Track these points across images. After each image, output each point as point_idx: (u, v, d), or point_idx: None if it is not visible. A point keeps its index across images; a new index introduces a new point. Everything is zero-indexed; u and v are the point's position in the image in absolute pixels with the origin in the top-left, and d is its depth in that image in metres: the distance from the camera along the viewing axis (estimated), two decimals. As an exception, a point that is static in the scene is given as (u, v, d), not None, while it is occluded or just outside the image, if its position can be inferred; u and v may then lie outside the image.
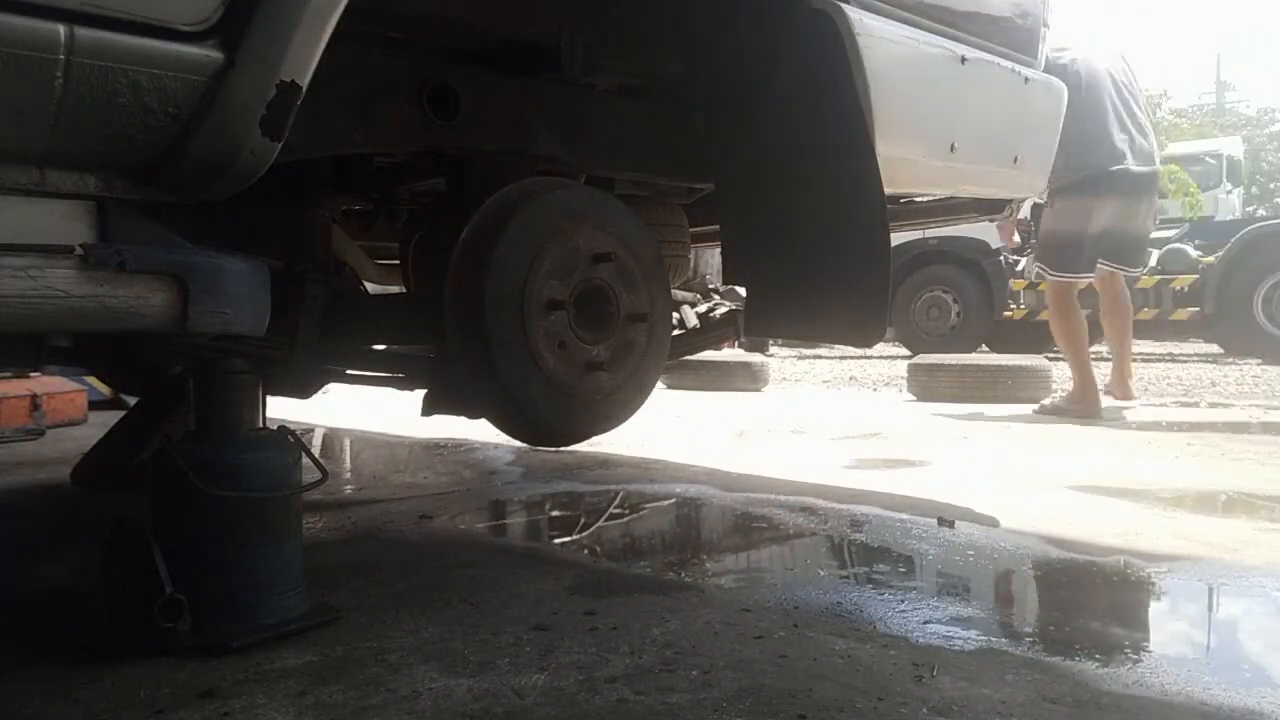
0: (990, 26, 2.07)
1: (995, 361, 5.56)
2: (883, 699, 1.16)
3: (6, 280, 1.01)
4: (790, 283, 1.92)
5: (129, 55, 1.00)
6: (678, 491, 2.62)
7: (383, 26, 1.74)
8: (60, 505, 2.49)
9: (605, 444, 3.22)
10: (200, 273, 1.16)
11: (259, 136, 1.12)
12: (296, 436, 1.47)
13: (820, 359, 9.79)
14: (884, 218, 1.73)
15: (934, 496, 2.47)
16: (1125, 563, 1.84)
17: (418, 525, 2.18)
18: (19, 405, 3.71)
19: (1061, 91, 2.37)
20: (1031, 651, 1.35)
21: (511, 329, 1.61)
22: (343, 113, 1.60)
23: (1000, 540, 2.02)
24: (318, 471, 1.49)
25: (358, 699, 1.16)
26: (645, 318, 1.80)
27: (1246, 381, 6.41)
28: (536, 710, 1.12)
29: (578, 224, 1.70)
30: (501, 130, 1.82)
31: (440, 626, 1.43)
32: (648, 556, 1.95)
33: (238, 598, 1.35)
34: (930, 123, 1.92)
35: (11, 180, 1.04)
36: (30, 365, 3.15)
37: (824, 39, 1.68)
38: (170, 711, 1.12)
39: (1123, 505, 2.40)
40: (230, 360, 1.43)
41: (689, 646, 1.34)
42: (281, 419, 1.79)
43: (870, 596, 1.62)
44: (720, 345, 4.79)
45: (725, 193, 2.04)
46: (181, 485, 1.31)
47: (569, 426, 1.76)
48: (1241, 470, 2.90)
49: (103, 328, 1.10)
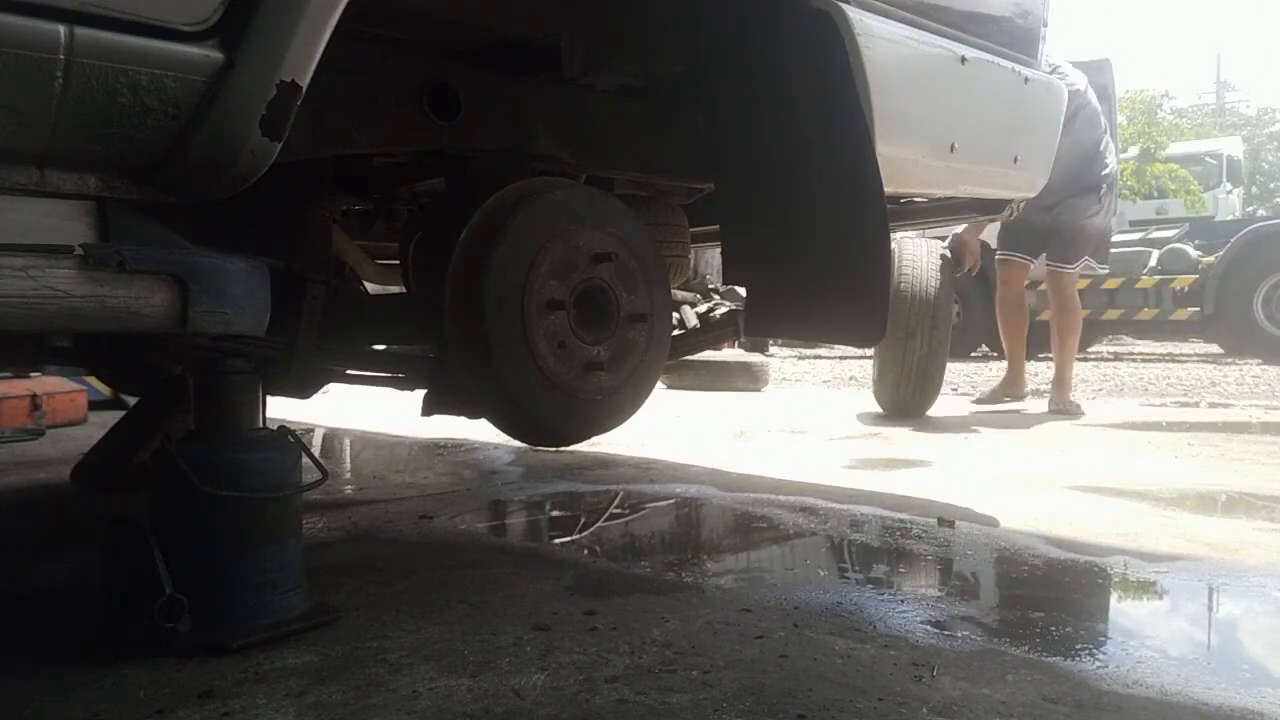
0: (990, 26, 2.07)
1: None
2: (883, 699, 1.16)
3: (6, 280, 1.01)
4: (790, 283, 1.92)
5: (129, 55, 1.00)
6: (678, 491, 2.62)
7: (383, 26, 1.74)
8: (60, 505, 2.49)
9: (605, 444, 3.23)
10: (200, 273, 1.16)
11: (259, 136, 1.12)
12: (296, 436, 1.47)
13: (820, 359, 9.79)
14: (884, 218, 1.73)
15: (934, 496, 2.48)
16: (1125, 563, 1.84)
17: (418, 525, 2.18)
18: (19, 405, 3.71)
19: (1062, 91, 2.37)
20: (1031, 651, 1.35)
21: (511, 329, 1.61)
22: (343, 113, 1.60)
23: (1000, 540, 2.02)
24: (318, 471, 1.49)
25: (358, 699, 1.16)
26: (645, 318, 1.80)
27: (1246, 381, 6.41)
28: (536, 710, 1.12)
29: (578, 224, 1.70)
30: (501, 130, 1.82)
31: (440, 626, 1.43)
32: (648, 556, 1.95)
33: (238, 598, 1.35)
34: (930, 123, 1.92)
35: (11, 180, 1.04)
36: (30, 365, 3.15)
37: (824, 39, 1.68)
38: (170, 711, 1.12)
39: (1122, 505, 2.40)
40: (230, 360, 1.43)
41: (689, 646, 1.34)
42: (281, 419, 1.79)
43: (870, 596, 1.62)
44: (720, 345, 4.79)
45: (725, 193, 2.04)
46: (181, 485, 1.31)
47: (569, 426, 1.76)
48: (1241, 470, 2.90)
49: (103, 328, 1.10)
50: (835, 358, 9.95)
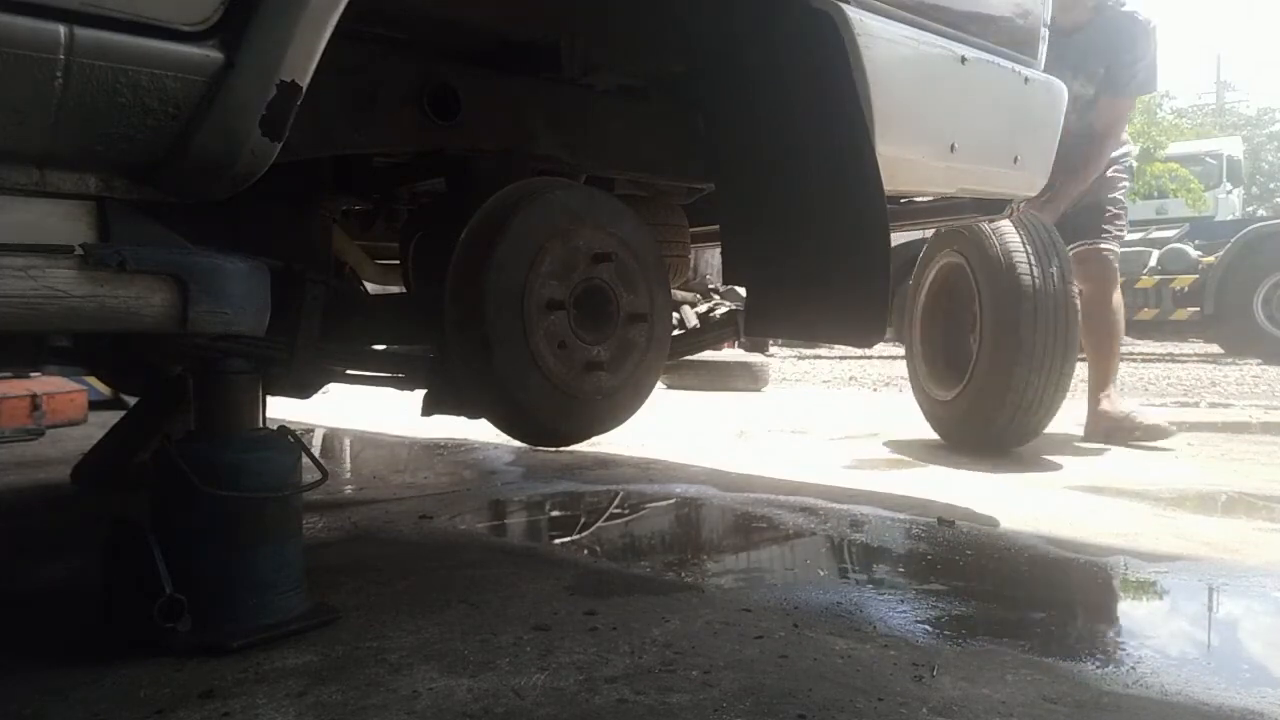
0: (990, 26, 2.07)
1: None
2: (883, 699, 1.16)
3: (6, 280, 1.01)
4: (790, 283, 1.92)
5: (129, 55, 1.00)
6: (678, 491, 2.62)
7: (383, 26, 1.74)
8: (60, 505, 2.49)
9: (605, 444, 3.23)
10: (200, 273, 1.16)
11: (259, 136, 1.12)
12: (296, 436, 1.47)
13: (820, 359, 9.79)
14: (884, 218, 1.73)
15: (934, 496, 2.48)
16: (1125, 563, 1.84)
17: (418, 525, 2.18)
18: (19, 405, 3.71)
19: (1061, 91, 2.37)
20: (1031, 651, 1.35)
21: (511, 329, 1.61)
22: (343, 113, 1.60)
23: (1000, 540, 2.02)
24: (318, 471, 1.49)
25: (358, 699, 1.16)
26: (645, 318, 1.81)
27: (1246, 381, 6.41)
28: (536, 710, 1.12)
29: (578, 224, 1.70)
30: (501, 130, 1.82)
31: (440, 626, 1.43)
32: (648, 556, 1.95)
33: (238, 598, 1.35)
34: (930, 123, 1.92)
35: (11, 180, 1.04)
36: (30, 365, 3.15)
37: (824, 39, 1.68)
38: (170, 711, 1.12)
39: (1122, 505, 2.40)
40: (230, 360, 1.43)
41: (689, 646, 1.34)
42: (281, 419, 1.79)
43: (870, 596, 1.62)
44: (720, 345, 4.77)
45: (725, 193, 2.04)
46: (181, 485, 1.31)
47: (569, 426, 1.76)
48: (1241, 470, 2.90)
49: (103, 328, 1.10)
50: (835, 358, 9.95)
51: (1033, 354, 2.98)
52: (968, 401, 3.18)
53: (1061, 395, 3.10)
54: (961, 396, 3.22)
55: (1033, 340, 2.98)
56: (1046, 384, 3.03)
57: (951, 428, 3.35)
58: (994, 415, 3.09)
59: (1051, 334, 3.00)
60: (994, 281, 3.11)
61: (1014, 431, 3.13)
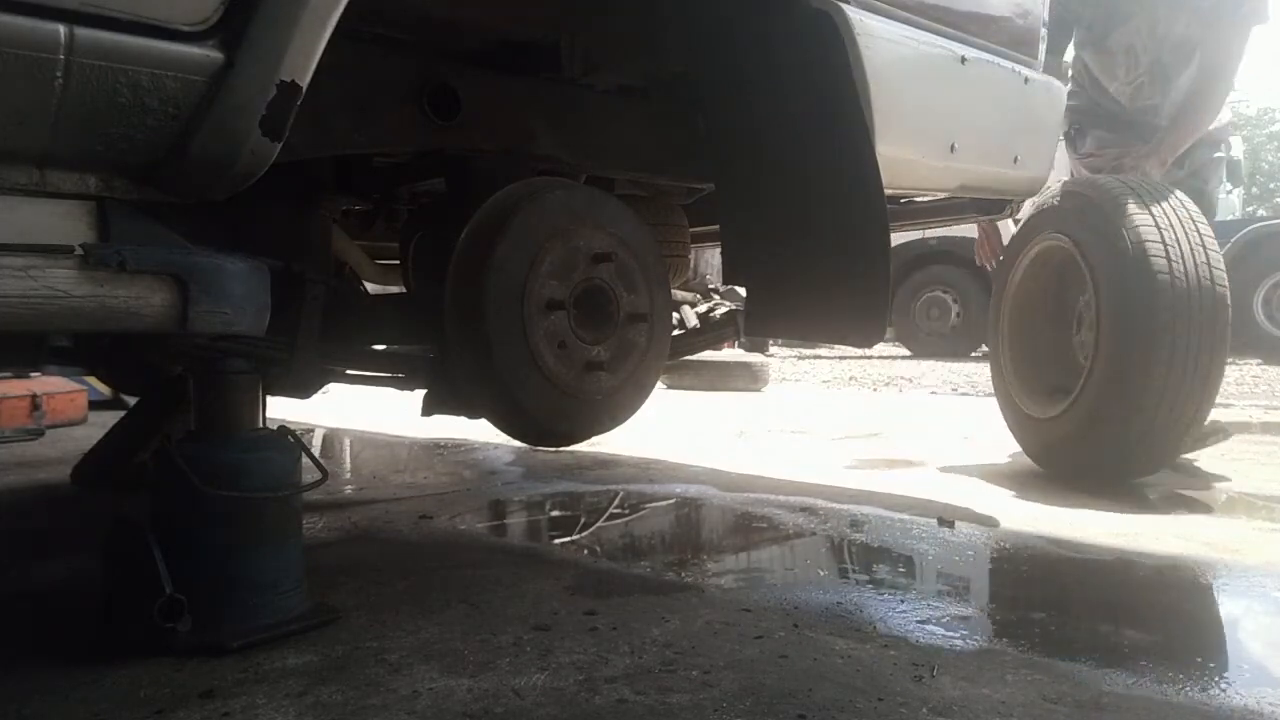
0: (990, 26, 2.07)
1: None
2: (883, 699, 1.16)
3: (6, 280, 1.01)
4: (790, 283, 1.92)
5: (129, 55, 1.00)
6: (678, 491, 2.62)
7: (383, 26, 1.74)
8: (60, 505, 2.49)
9: (605, 444, 3.22)
10: (200, 273, 1.16)
11: (259, 136, 1.12)
12: (296, 436, 1.47)
13: (820, 359, 9.79)
14: (884, 218, 1.73)
15: (934, 496, 2.47)
16: (1125, 562, 1.84)
17: (418, 525, 2.18)
18: (19, 405, 3.71)
19: (1061, 92, 2.38)
20: (1031, 651, 1.35)
21: (511, 329, 1.61)
22: (343, 113, 1.60)
23: (1000, 540, 2.02)
24: (318, 471, 1.49)
25: (358, 699, 1.16)
26: (645, 318, 1.81)
27: (1246, 381, 6.41)
28: (536, 710, 1.12)
29: (578, 224, 1.70)
30: (501, 130, 1.83)
31: (440, 626, 1.43)
32: (648, 556, 1.95)
33: (238, 598, 1.35)
34: (930, 123, 1.92)
35: (11, 180, 1.04)
36: (30, 365, 3.15)
37: (824, 39, 1.68)
38: (170, 711, 1.12)
39: (1122, 504, 2.40)
40: (230, 360, 1.43)
41: (689, 646, 1.34)
42: (281, 419, 1.79)
43: (870, 596, 1.62)
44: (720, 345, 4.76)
45: (725, 193, 2.04)
46: (181, 485, 1.31)
47: (569, 426, 1.76)
48: (1241, 470, 2.90)
49: (103, 328, 1.10)
50: (835, 358, 9.94)
51: (1171, 360, 2.33)
52: (1077, 420, 2.54)
53: (1207, 409, 2.46)
54: (1069, 414, 2.57)
55: (1170, 341, 2.33)
56: (1189, 397, 2.37)
57: (1053, 452, 2.71)
58: (1115, 438, 2.45)
59: (1196, 333, 2.34)
60: (1116, 268, 2.43)
61: (1142, 457, 2.50)
